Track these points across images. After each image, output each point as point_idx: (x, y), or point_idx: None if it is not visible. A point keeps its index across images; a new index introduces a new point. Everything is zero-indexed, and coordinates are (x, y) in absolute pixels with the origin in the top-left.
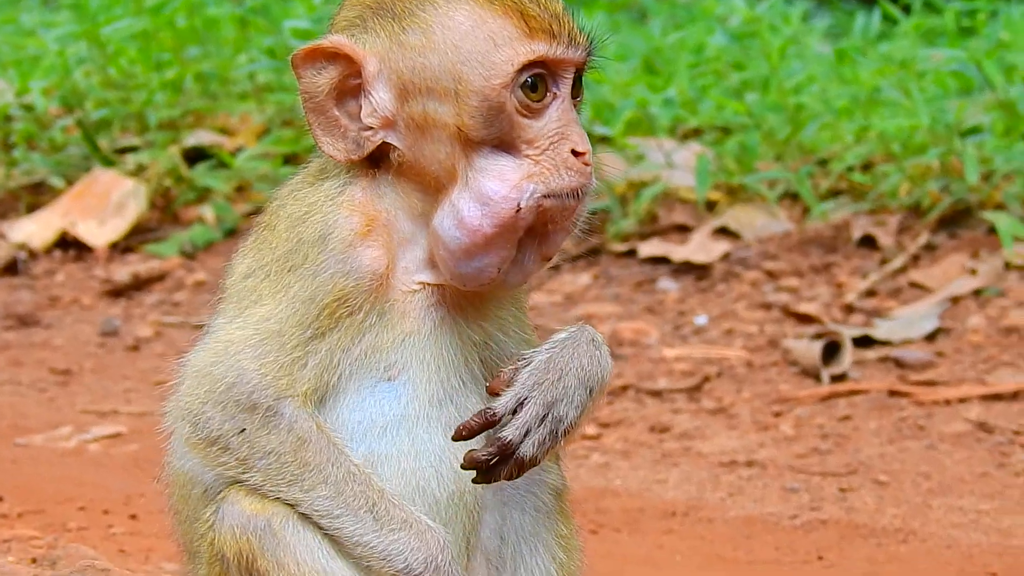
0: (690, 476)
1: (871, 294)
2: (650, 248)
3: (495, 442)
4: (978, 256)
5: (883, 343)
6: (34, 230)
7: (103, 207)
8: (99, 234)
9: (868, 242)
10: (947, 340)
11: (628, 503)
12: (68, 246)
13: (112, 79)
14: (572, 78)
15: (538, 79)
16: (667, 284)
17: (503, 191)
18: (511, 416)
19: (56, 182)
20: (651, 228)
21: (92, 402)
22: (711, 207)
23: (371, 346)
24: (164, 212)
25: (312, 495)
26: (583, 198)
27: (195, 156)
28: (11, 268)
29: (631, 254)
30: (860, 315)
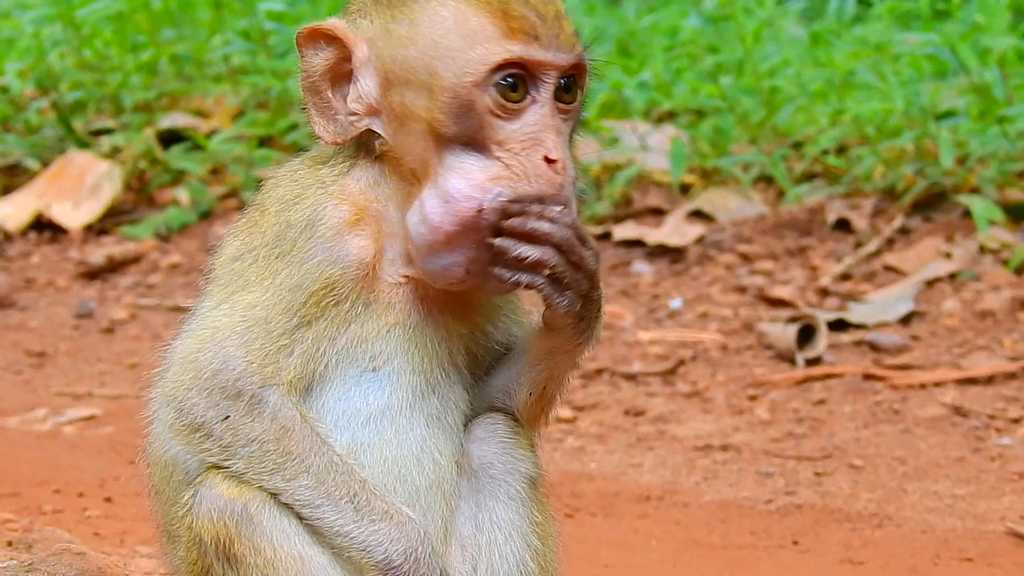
0: (665, 460)
1: (846, 277)
2: (624, 231)
3: (541, 224)
4: (953, 240)
5: (858, 327)
6: (9, 212)
7: (78, 189)
8: (74, 216)
9: (843, 225)
10: (922, 324)
11: (603, 487)
12: (43, 228)
13: (87, 61)
14: (554, 83)
15: (518, 80)
16: (641, 267)
17: (465, 190)
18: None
19: (31, 164)
20: (625, 211)
21: (67, 384)
22: (685, 190)
23: (356, 336)
24: (139, 194)
25: (294, 484)
26: (549, 206)
27: (170, 138)
28: None
29: (605, 237)
30: (835, 299)
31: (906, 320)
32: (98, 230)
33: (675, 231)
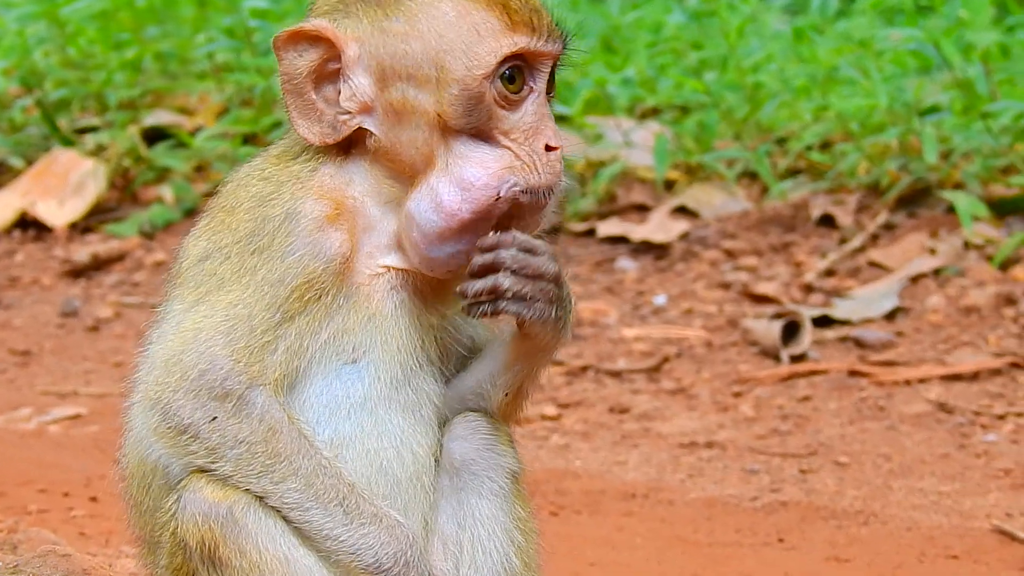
0: (650, 457)
1: (830, 273)
2: (609, 228)
3: (493, 255)
4: (937, 235)
5: (842, 323)
6: None
7: (62, 187)
8: (59, 214)
9: (827, 221)
10: (906, 320)
11: (588, 485)
12: (28, 226)
13: (71, 59)
14: (548, 72)
15: (516, 71)
16: (626, 264)
17: (484, 178)
18: (519, 251)
19: (15, 162)
20: (610, 208)
21: (52, 383)
22: (670, 186)
23: (338, 329)
24: (123, 192)
25: (282, 487)
26: (554, 195)
27: (154, 136)
28: None
29: (590, 234)
30: (819, 295)
31: (891, 316)
32: (83, 228)
33: (659, 227)
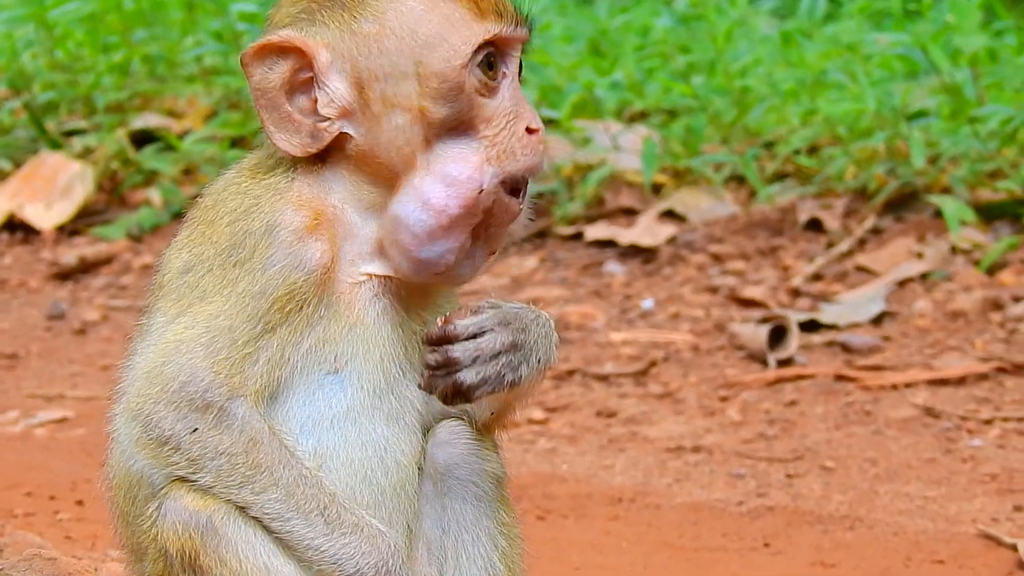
0: (637, 462)
1: (817, 278)
2: (597, 231)
3: (444, 353)
4: (924, 240)
5: (829, 327)
6: None
7: (50, 190)
8: (46, 217)
9: (814, 225)
10: (893, 324)
11: (575, 488)
12: (15, 229)
13: (59, 62)
14: (519, 57)
15: (491, 58)
16: (614, 267)
17: (467, 172)
18: (468, 340)
19: (3, 165)
20: (597, 211)
21: (39, 386)
22: (657, 190)
23: (320, 339)
24: (111, 195)
25: (263, 498)
26: (536, 177)
27: (142, 139)
28: None
29: (578, 237)
30: (806, 299)
31: (878, 321)
32: (70, 231)
33: (647, 231)
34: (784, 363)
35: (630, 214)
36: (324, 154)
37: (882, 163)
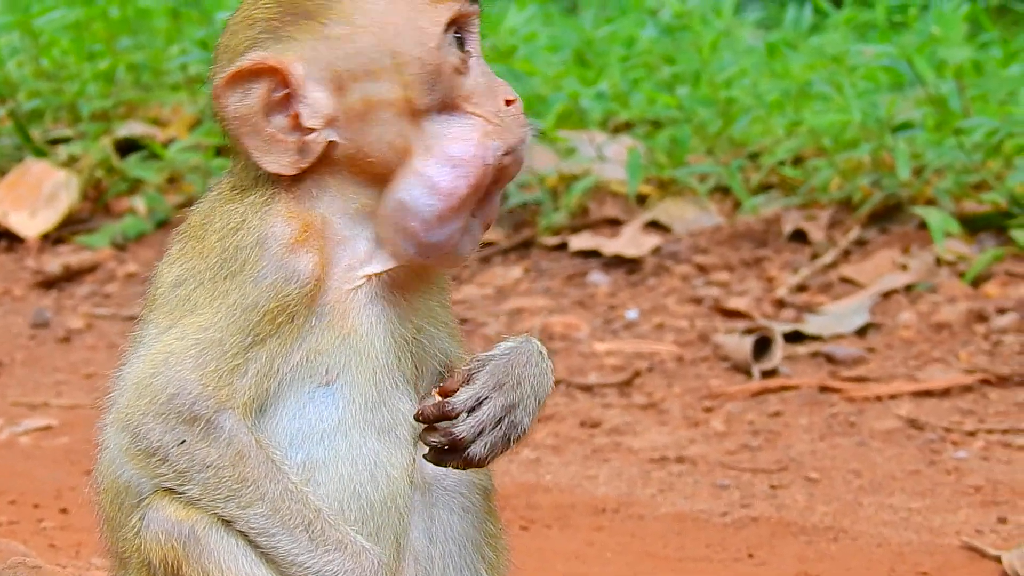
0: (621, 472)
1: (802, 289)
2: (581, 242)
3: (448, 435)
4: (909, 251)
5: (814, 338)
6: None
7: (35, 198)
8: (30, 225)
9: (799, 236)
10: (878, 335)
11: (558, 499)
12: None
13: (44, 70)
14: (476, 34)
15: (457, 36)
16: (598, 278)
17: (471, 150)
18: (467, 414)
19: None
20: (582, 222)
21: (23, 394)
22: (642, 201)
23: (311, 350)
24: (96, 203)
25: (248, 512)
26: (527, 146)
27: (127, 147)
28: None
29: (562, 248)
30: (791, 310)
31: (862, 332)
32: (55, 239)
33: (631, 242)
34: (768, 374)
35: (615, 224)
36: (305, 166)
37: (867, 174)
